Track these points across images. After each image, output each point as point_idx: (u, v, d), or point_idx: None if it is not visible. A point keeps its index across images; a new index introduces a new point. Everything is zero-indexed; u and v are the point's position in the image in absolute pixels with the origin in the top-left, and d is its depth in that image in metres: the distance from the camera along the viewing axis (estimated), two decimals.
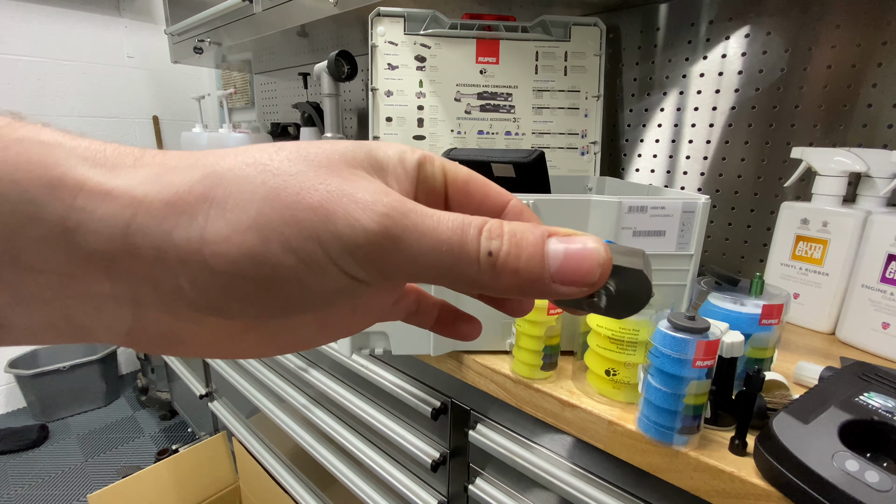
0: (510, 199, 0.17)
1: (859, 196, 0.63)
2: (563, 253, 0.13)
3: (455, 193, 0.17)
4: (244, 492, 1.31)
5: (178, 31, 1.48)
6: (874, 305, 0.58)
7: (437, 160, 0.17)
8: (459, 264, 0.13)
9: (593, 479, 0.50)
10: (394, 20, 0.90)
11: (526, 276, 0.13)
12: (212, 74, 2.36)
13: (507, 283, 0.13)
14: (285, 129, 1.68)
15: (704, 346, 0.38)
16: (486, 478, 0.63)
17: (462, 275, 0.13)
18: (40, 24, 1.88)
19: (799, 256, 0.66)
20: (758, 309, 0.47)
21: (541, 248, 0.13)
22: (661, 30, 0.88)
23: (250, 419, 1.25)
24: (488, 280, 0.13)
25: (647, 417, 0.42)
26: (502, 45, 0.90)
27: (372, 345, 0.60)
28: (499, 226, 0.13)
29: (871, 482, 0.31)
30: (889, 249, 0.56)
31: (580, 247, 0.13)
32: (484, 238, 0.13)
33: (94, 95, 2.05)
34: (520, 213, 0.17)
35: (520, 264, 0.13)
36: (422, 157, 0.16)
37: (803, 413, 0.38)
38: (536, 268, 0.13)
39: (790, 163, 0.75)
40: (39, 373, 1.87)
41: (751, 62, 0.79)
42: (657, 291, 0.48)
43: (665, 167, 0.92)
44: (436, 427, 0.68)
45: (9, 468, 1.70)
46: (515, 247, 0.13)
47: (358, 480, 0.84)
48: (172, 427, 1.97)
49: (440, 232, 0.13)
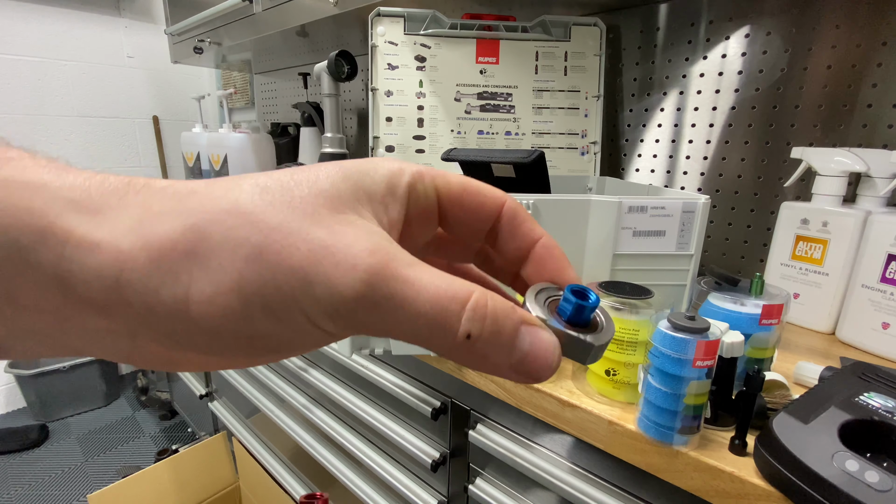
0: (504, 200, 0.17)
1: (859, 196, 0.63)
2: (527, 349, 0.14)
3: (450, 207, 0.17)
4: (244, 492, 1.31)
5: (178, 31, 1.48)
6: (874, 305, 0.58)
7: (427, 177, 0.16)
8: (435, 339, 0.13)
9: (593, 479, 0.50)
10: (394, 20, 0.90)
11: (492, 363, 0.14)
12: (212, 74, 2.36)
13: (472, 363, 0.14)
14: (285, 129, 1.68)
15: (704, 346, 0.38)
16: (486, 478, 0.63)
17: (434, 346, 0.14)
18: (40, 24, 1.88)
19: (799, 256, 0.66)
20: (758, 309, 0.47)
21: (513, 339, 0.14)
22: (661, 30, 0.88)
23: (250, 419, 1.25)
24: (457, 356, 0.14)
25: (647, 417, 0.42)
26: (502, 45, 0.90)
27: (372, 345, 0.60)
28: (483, 306, 0.13)
29: (871, 482, 0.31)
30: (889, 249, 0.56)
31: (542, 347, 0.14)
32: (465, 319, 0.13)
33: (94, 95, 2.05)
34: (513, 216, 0.17)
35: (490, 352, 0.14)
36: (412, 179, 0.16)
37: (803, 413, 0.38)
38: (503, 358, 0.14)
39: (790, 163, 0.75)
40: (39, 373, 1.87)
41: (751, 62, 0.79)
42: (657, 291, 0.48)
43: (665, 167, 0.92)
44: (436, 427, 0.68)
45: (9, 468, 1.70)
46: (493, 334, 0.13)
47: (358, 480, 0.84)
48: (172, 427, 1.97)
49: (420, 305, 0.13)
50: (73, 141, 2.02)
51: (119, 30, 2.08)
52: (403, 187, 0.16)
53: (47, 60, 1.92)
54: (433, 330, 0.13)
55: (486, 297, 0.13)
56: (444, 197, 0.17)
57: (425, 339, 0.13)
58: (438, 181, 0.16)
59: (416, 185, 0.16)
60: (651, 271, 0.54)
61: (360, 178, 0.15)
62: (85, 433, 1.90)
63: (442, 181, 0.16)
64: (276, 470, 1.11)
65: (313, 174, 0.14)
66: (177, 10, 1.51)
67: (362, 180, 0.15)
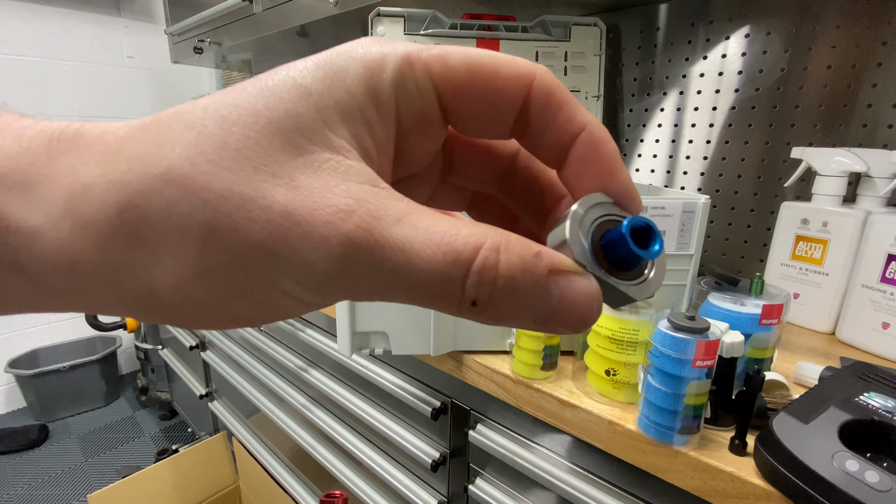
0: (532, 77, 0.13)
1: (859, 196, 0.63)
2: (555, 304, 0.11)
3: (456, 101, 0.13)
4: (244, 492, 1.31)
5: (178, 31, 1.48)
6: (874, 305, 0.58)
7: (419, 65, 0.12)
8: (436, 306, 0.11)
9: (593, 479, 0.50)
10: (394, 20, 0.90)
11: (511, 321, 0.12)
12: (212, 74, 2.35)
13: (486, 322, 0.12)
14: None
15: (704, 346, 0.38)
16: (486, 478, 0.63)
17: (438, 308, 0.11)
18: (40, 24, 1.88)
19: (799, 256, 0.66)
20: (758, 309, 0.47)
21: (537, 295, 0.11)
22: (661, 30, 0.88)
23: (250, 419, 1.25)
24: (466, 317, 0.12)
25: (647, 417, 0.42)
26: (502, 45, 0.90)
27: (372, 345, 0.60)
28: (492, 266, 0.11)
29: (871, 482, 0.31)
30: (889, 249, 0.56)
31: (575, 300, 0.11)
32: (470, 286, 0.11)
33: (94, 95, 2.05)
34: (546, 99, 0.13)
35: (507, 312, 0.11)
36: (398, 73, 0.12)
37: (803, 413, 0.38)
38: (524, 315, 0.11)
39: (790, 163, 0.75)
40: (39, 373, 1.87)
41: (751, 62, 0.79)
42: (658, 291, 0.48)
43: (665, 167, 0.92)
44: (436, 427, 0.68)
45: (9, 468, 1.70)
46: (508, 295, 0.11)
47: (358, 480, 0.84)
48: (172, 427, 1.97)
49: (413, 274, 0.11)
50: None
51: (119, 30, 2.08)
52: (388, 90, 0.12)
53: (47, 60, 1.92)
54: (432, 299, 0.11)
55: (498, 253, 0.11)
56: (445, 88, 0.13)
57: (425, 305, 0.11)
58: (435, 68, 0.12)
59: (404, 82, 0.12)
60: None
61: (326, 89, 0.11)
62: (85, 433, 1.90)
63: (440, 67, 0.12)
64: (276, 470, 1.11)
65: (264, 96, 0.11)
66: (177, 10, 1.51)
67: (330, 91, 0.11)
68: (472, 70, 0.12)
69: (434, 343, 0.58)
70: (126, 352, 2.25)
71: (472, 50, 0.12)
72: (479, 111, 0.13)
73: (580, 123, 0.13)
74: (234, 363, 1.19)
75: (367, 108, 0.12)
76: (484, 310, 0.11)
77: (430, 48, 0.12)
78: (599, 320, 0.47)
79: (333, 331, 0.79)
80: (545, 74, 0.13)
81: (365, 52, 0.12)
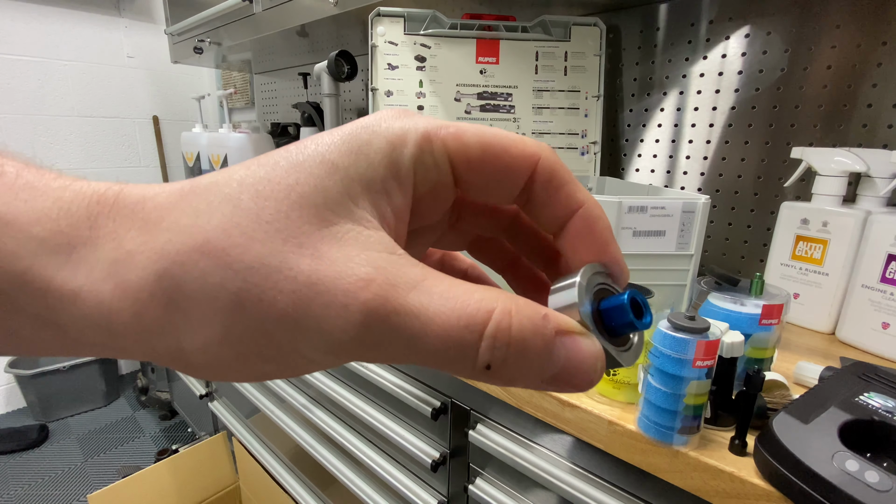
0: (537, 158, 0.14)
1: (859, 196, 0.63)
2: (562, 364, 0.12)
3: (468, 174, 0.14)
4: (244, 492, 1.31)
5: (178, 31, 1.48)
6: (874, 305, 0.58)
7: (437, 142, 0.13)
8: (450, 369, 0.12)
9: (593, 479, 0.50)
10: (394, 20, 0.90)
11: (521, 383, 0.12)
12: (212, 74, 2.36)
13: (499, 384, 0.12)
14: (285, 128, 1.68)
15: (704, 346, 0.38)
16: (486, 478, 0.63)
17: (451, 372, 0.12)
18: (40, 24, 1.88)
19: (799, 256, 0.66)
20: (758, 309, 0.47)
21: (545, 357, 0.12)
22: (661, 30, 0.88)
23: (250, 419, 1.25)
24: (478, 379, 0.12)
25: (647, 417, 0.42)
26: (502, 45, 0.90)
27: None
28: (506, 329, 0.11)
29: (871, 482, 0.31)
30: (889, 249, 0.56)
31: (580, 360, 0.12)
32: (484, 349, 0.11)
33: (94, 95, 2.05)
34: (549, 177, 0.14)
35: (517, 375, 0.12)
36: (418, 149, 0.13)
37: (803, 413, 0.38)
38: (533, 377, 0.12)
39: (790, 163, 0.75)
40: (39, 373, 1.87)
41: (751, 62, 0.79)
42: (657, 291, 0.48)
43: (665, 167, 0.92)
44: (436, 427, 0.68)
45: (9, 468, 1.70)
46: (519, 359, 0.11)
47: (358, 480, 0.84)
48: (172, 427, 1.97)
49: (429, 341, 0.11)
50: (73, 141, 2.02)
51: (119, 30, 2.08)
52: (408, 164, 0.13)
53: (47, 60, 1.92)
54: (447, 363, 0.12)
55: (510, 317, 0.11)
56: (460, 164, 0.14)
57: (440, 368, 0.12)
58: (451, 145, 0.13)
59: (423, 157, 0.13)
60: (651, 271, 0.54)
61: (352, 164, 0.12)
62: (85, 433, 1.90)
63: (455, 144, 0.13)
64: (276, 470, 1.11)
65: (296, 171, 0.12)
66: (177, 10, 1.51)
67: (355, 165, 0.12)
68: (484, 148, 0.13)
69: None
70: None
71: (485, 128, 0.14)
72: (488, 183, 0.14)
73: (578, 201, 0.14)
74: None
75: (388, 181, 0.13)
76: (497, 372, 0.12)
77: (447, 126, 0.13)
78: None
79: None
80: (549, 155, 0.14)
81: (388, 126, 0.13)
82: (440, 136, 0.13)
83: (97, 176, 1.52)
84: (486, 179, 0.14)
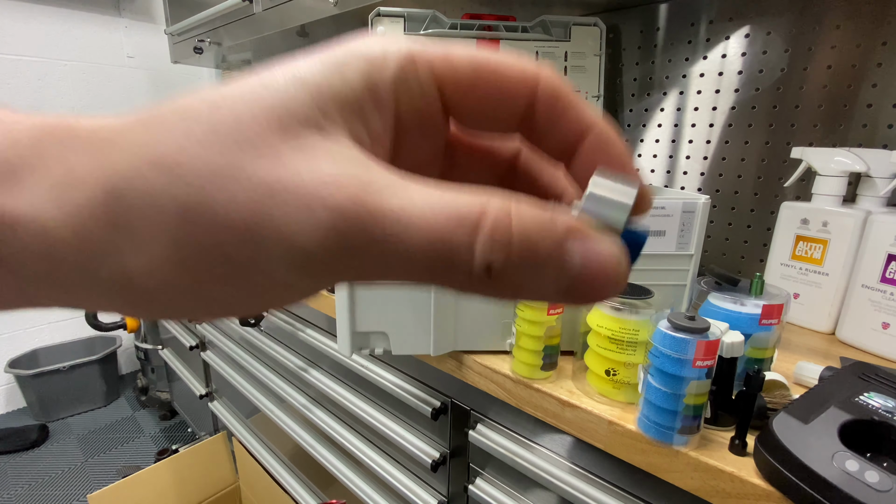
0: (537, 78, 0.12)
1: (859, 196, 0.63)
2: (579, 268, 0.10)
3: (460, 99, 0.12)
4: (244, 492, 1.31)
5: (178, 31, 1.48)
6: (874, 305, 0.58)
7: (422, 63, 0.12)
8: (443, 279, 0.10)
9: (593, 479, 0.50)
10: (394, 20, 0.90)
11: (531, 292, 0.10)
12: (212, 74, 2.35)
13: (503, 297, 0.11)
14: None
15: (704, 346, 0.38)
16: (486, 478, 0.63)
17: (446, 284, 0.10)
18: (40, 24, 1.88)
19: (799, 256, 0.66)
20: (758, 309, 0.47)
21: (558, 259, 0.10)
22: (661, 30, 0.88)
23: (250, 419, 1.25)
24: (479, 291, 0.10)
25: (647, 417, 0.42)
26: (502, 46, 0.90)
27: (372, 345, 0.60)
28: (505, 223, 0.10)
29: (871, 482, 0.31)
30: (889, 249, 0.56)
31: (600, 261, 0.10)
32: (481, 246, 0.10)
33: (94, 95, 2.05)
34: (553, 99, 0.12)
35: (526, 280, 0.10)
36: (400, 70, 0.12)
37: (803, 413, 0.38)
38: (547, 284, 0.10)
39: (790, 163, 0.75)
40: (39, 373, 1.87)
41: (751, 62, 0.79)
42: (657, 291, 0.48)
43: (665, 167, 0.92)
44: (436, 427, 0.68)
45: (9, 468, 1.70)
46: (526, 258, 0.10)
47: (358, 480, 0.84)
48: (172, 427, 1.97)
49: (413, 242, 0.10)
50: None
51: (119, 30, 2.08)
52: (388, 85, 0.12)
53: (47, 60, 1.92)
54: (437, 271, 0.10)
55: (509, 209, 0.10)
56: (449, 87, 0.12)
57: (431, 281, 0.10)
58: (438, 66, 0.12)
59: (406, 78, 0.12)
60: (651, 271, 0.54)
61: (324, 80, 0.11)
62: (85, 433, 1.90)
63: (443, 65, 0.12)
64: (276, 470, 1.11)
65: (262, 82, 0.11)
66: (177, 10, 1.51)
67: (328, 82, 0.11)
68: (476, 69, 0.12)
69: (434, 343, 0.58)
70: (126, 352, 2.25)
71: (478, 50, 0.12)
72: (483, 110, 0.13)
73: (588, 123, 0.13)
74: (234, 363, 1.19)
75: (365, 101, 0.11)
76: (501, 278, 0.10)
77: (434, 46, 0.12)
78: (599, 320, 0.47)
79: (333, 331, 0.78)
80: (550, 75, 0.12)
81: (367, 47, 0.12)
82: (425, 57, 0.12)
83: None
84: (481, 105, 0.13)
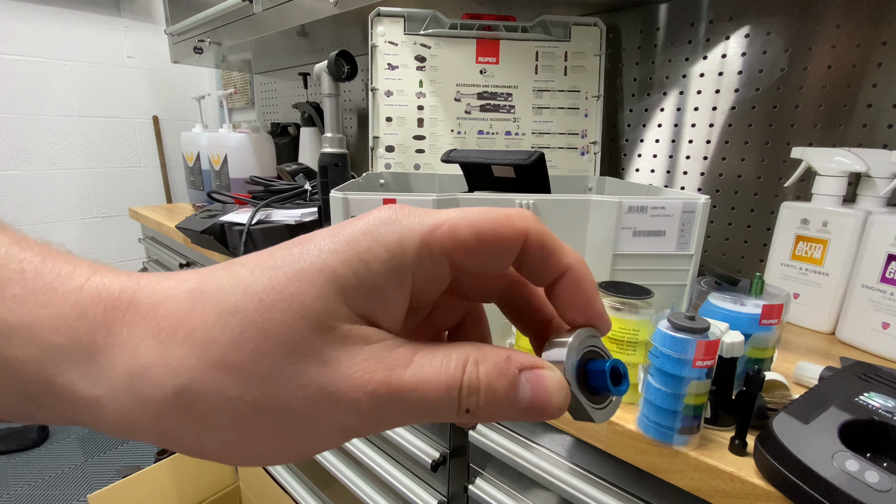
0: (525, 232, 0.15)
1: (859, 196, 0.63)
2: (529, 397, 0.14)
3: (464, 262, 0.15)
4: (244, 492, 1.31)
5: (178, 31, 1.48)
6: (874, 305, 0.58)
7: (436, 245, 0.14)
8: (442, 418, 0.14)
9: (593, 479, 0.50)
10: (394, 20, 0.90)
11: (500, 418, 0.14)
12: (212, 74, 2.35)
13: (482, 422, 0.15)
14: (285, 129, 1.68)
15: (704, 346, 0.38)
16: (486, 478, 0.63)
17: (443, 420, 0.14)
18: (40, 24, 1.88)
19: (799, 256, 0.66)
20: (758, 309, 0.47)
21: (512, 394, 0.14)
22: (661, 30, 0.88)
23: None
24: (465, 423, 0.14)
25: (647, 417, 0.42)
26: (502, 45, 0.90)
27: None
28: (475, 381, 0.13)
29: (871, 482, 0.31)
30: (889, 249, 0.56)
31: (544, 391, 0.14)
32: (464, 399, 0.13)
33: (94, 95, 2.05)
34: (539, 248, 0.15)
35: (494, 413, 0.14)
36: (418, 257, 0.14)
37: (803, 413, 0.38)
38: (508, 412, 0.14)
39: (790, 163, 0.75)
40: None
41: (751, 62, 0.79)
42: (657, 291, 0.48)
43: (665, 167, 0.92)
44: (436, 427, 0.68)
45: (9, 468, 1.70)
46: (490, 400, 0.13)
47: (358, 480, 0.84)
48: None
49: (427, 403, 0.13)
50: (73, 141, 2.02)
51: (119, 30, 2.08)
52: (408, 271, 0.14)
53: (47, 60, 1.91)
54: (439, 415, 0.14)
55: (477, 369, 0.13)
56: (457, 257, 0.14)
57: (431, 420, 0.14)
58: (447, 244, 0.14)
59: (422, 262, 0.14)
60: (651, 271, 0.54)
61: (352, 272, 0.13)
62: (85, 433, 1.90)
63: (451, 242, 0.14)
64: (276, 470, 1.11)
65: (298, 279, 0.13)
66: (177, 10, 1.51)
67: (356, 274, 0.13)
68: (478, 237, 0.14)
69: None
70: None
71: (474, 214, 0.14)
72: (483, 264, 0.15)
73: (566, 264, 0.16)
74: None
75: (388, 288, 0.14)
76: (476, 414, 0.14)
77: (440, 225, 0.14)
78: None
79: None
80: (536, 226, 0.15)
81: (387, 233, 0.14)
82: (436, 239, 0.14)
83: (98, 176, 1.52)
84: (482, 261, 0.15)
